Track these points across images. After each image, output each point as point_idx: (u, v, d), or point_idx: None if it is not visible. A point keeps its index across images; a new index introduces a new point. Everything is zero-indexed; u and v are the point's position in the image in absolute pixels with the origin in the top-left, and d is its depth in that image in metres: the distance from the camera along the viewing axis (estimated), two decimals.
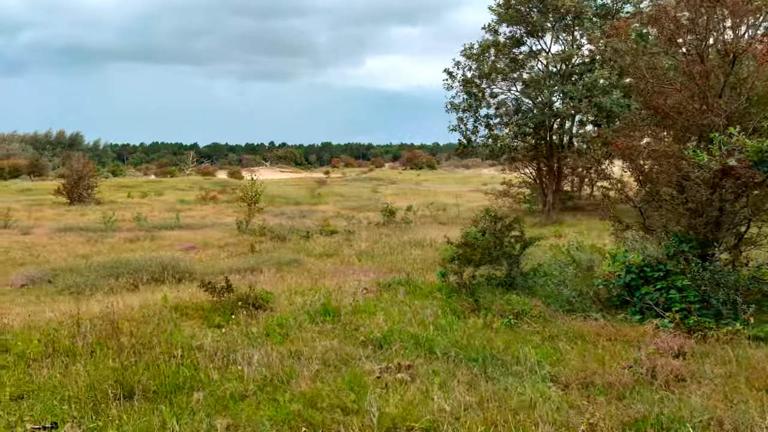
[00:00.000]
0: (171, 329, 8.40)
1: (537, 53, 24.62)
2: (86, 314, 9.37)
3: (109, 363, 7.05)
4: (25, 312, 11.92)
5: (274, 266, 16.37)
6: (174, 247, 20.52)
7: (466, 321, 9.54)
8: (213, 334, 8.53)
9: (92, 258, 18.77)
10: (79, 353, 7.62)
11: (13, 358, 7.57)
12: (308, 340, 8.41)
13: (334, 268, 15.79)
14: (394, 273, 14.24)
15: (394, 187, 63.57)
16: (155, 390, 6.42)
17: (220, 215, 34.67)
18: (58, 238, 23.58)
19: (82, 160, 41.81)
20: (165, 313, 9.44)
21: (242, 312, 9.45)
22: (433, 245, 17.96)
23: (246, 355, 7.50)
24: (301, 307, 9.86)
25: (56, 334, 8.13)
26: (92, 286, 14.60)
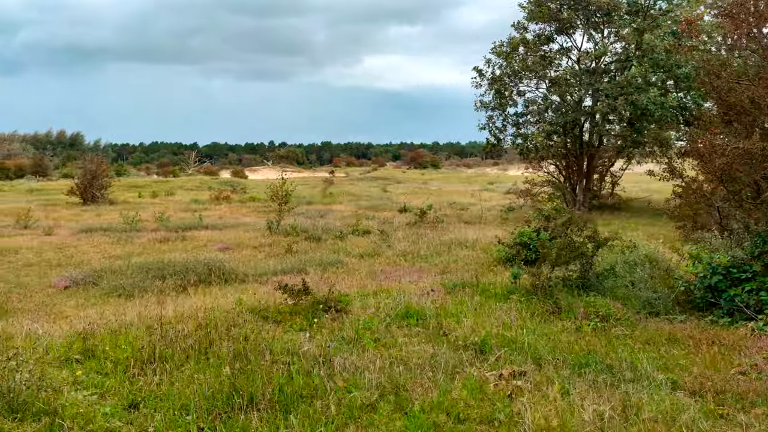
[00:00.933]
0: (272, 334, 8.13)
1: (568, 50, 24.44)
2: (160, 317, 9.09)
3: (222, 370, 6.76)
4: (84, 315, 11.65)
5: (319, 267, 16.12)
6: (208, 248, 20.23)
7: (552, 324, 9.29)
8: (300, 338, 8.26)
9: (127, 259, 18.48)
10: (178, 359, 7.35)
11: (110, 364, 7.29)
12: (402, 345, 8.16)
13: (383, 269, 15.53)
14: (448, 274, 14.00)
15: (402, 187, 63.28)
16: (277, 399, 6.15)
17: (237, 215, 34.36)
18: (85, 239, 23.27)
19: (95, 160, 41.39)
20: (246, 316, 9.16)
21: (324, 315, 9.18)
22: (477, 245, 17.71)
23: (349, 361, 7.24)
24: (382, 310, 9.59)
25: (149, 339, 7.85)
26: (141, 288, 14.33)
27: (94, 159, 41.66)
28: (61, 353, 7.87)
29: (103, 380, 6.88)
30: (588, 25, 23.86)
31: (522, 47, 24.64)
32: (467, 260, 15.75)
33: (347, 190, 54.86)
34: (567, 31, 24.47)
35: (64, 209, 36.86)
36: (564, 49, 24.50)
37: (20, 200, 44.32)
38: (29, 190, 53.16)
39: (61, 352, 7.88)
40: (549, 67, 24.31)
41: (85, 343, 7.95)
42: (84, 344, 7.94)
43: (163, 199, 46.56)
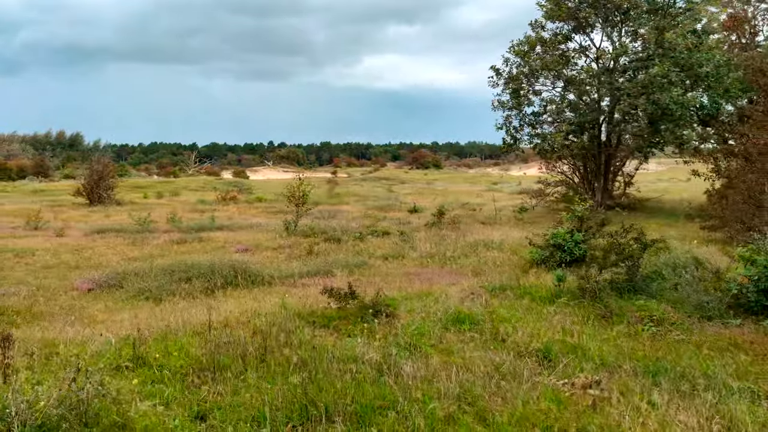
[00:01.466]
0: (325, 340, 7.86)
1: (585, 49, 24.17)
2: (209, 323, 8.82)
3: (287, 378, 6.50)
4: (118, 320, 11.38)
5: (345, 269, 15.86)
6: (227, 249, 19.96)
7: (607, 330, 9.03)
8: (354, 344, 8.00)
9: (145, 261, 18.20)
10: (235, 367, 7.08)
11: (167, 373, 7.02)
12: (460, 351, 7.90)
13: (413, 271, 15.28)
14: (482, 276, 13.74)
15: (407, 187, 63.06)
16: (351, 410, 5.88)
17: (246, 216, 34.08)
18: (100, 240, 22.99)
19: (102, 161, 41.07)
20: (296, 322, 8.89)
21: (374, 320, 8.92)
22: (503, 247, 17.46)
23: (414, 369, 6.98)
24: (432, 314, 9.32)
25: (201, 346, 7.58)
26: (168, 291, 14.06)
27: (100, 160, 41.36)
28: (111, 360, 7.60)
29: (161, 389, 6.61)
30: (606, 23, 23.62)
31: (539, 46, 24.39)
32: (498, 262, 15.50)
33: (353, 190, 54.59)
34: (584, 30, 24.24)
35: (72, 210, 36.55)
36: (582, 47, 24.27)
37: (25, 201, 43.98)
38: (33, 191, 52.79)
39: (111, 360, 7.61)
40: (567, 65, 24.06)
41: (135, 350, 7.67)
42: (134, 351, 7.67)
43: (169, 199, 46.27)
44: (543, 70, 23.61)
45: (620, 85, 21.73)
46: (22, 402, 5.07)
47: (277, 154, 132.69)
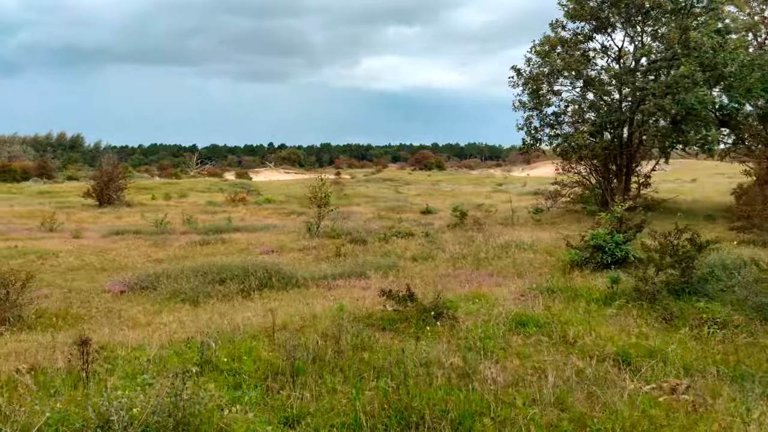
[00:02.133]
0: (397, 343, 7.69)
1: (607, 49, 24.02)
2: (273, 325, 8.64)
3: (368, 383, 6.32)
4: (163, 322, 11.18)
5: (379, 271, 15.68)
6: (250, 251, 19.76)
7: (671, 332, 8.87)
8: (424, 347, 7.82)
9: (171, 262, 18.01)
10: (312, 371, 6.90)
11: (244, 377, 6.84)
12: (532, 354, 7.73)
13: (447, 273, 15.10)
14: (524, 278, 13.57)
15: (413, 188, 62.89)
16: (450, 416, 5.70)
17: (258, 217, 33.86)
18: (121, 242, 22.77)
19: (111, 162, 40.83)
20: (357, 324, 8.70)
21: (435, 322, 8.74)
22: (535, 248, 17.29)
23: (495, 372, 6.81)
24: (495, 316, 9.14)
25: (269, 349, 7.40)
26: (204, 294, 13.87)
27: (110, 161, 41.07)
28: (178, 364, 7.42)
29: (240, 395, 6.43)
30: (627, 23, 23.47)
31: (560, 46, 24.25)
32: (534, 264, 15.33)
33: (360, 191, 54.37)
34: (606, 30, 24.10)
35: (82, 212, 36.31)
36: (603, 47, 24.11)
37: (33, 203, 43.72)
38: (39, 193, 52.47)
39: (177, 364, 7.43)
40: (588, 65, 23.91)
41: (203, 354, 7.49)
42: (202, 355, 7.49)
43: (178, 201, 46.04)
44: (565, 69, 23.44)
45: (644, 85, 21.57)
46: (122, 409, 4.88)
47: (278, 155, 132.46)
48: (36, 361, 7.85)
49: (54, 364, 7.56)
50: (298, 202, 45.70)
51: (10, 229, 27.70)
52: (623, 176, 24.62)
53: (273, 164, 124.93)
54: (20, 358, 8.33)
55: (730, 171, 66.97)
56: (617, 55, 24.09)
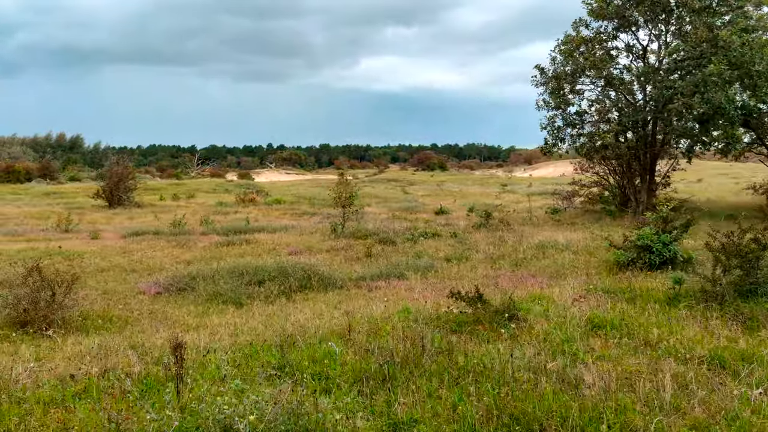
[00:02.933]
0: (472, 346, 7.47)
1: (632, 47, 23.87)
2: (348, 327, 8.42)
3: (468, 389, 6.09)
4: (210, 323, 10.93)
5: (418, 272, 15.46)
6: (278, 252, 19.52)
7: (747, 334, 8.64)
8: (495, 349, 7.60)
9: (199, 263, 17.75)
10: (401, 375, 6.67)
11: (337, 381, 6.60)
12: (618, 357, 7.51)
13: (486, 274, 14.88)
14: (571, 278, 13.35)
15: (419, 188, 62.69)
16: (569, 425, 5.47)
17: (270, 218, 33.53)
18: (143, 243, 22.48)
19: (122, 163, 40.53)
20: (425, 327, 8.48)
21: (509, 324, 8.52)
22: (572, 248, 17.07)
23: (592, 378, 6.58)
24: (569, 319, 8.92)
25: (348, 352, 7.17)
26: (246, 294, 13.63)
27: (120, 162, 40.78)
28: (255, 367, 7.18)
29: (334, 400, 6.19)
30: (654, 21, 23.31)
31: (583, 45, 24.07)
32: (576, 264, 15.10)
33: (368, 192, 54.03)
34: (630, 29, 23.93)
35: (94, 212, 36.01)
36: (628, 46, 23.96)
37: (40, 203, 43.39)
38: (45, 194, 52.05)
39: (254, 367, 7.19)
40: (611, 64, 23.73)
41: (283, 357, 7.26)
42: (283, 358, 7.26)
43: (187, 201, 45.72)
44: (590, 68, 23.25)
45: (672, 84, 21.39)
46: (246, 417, 4.65)
47: (279, 156, 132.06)
48: (105, 365, 7.61)
49: (128, 368, 7.32)
50: (308, 202, 45.53)
51: (25, 230, 27.42)
52: (647, 176, 24.43)
53: (274, 165, 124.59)
54: (85, 361, 8.09)
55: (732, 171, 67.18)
56: (642, 53, 23.91)
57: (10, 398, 6.33)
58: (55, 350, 9.14)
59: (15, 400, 6.25)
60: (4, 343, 9.82)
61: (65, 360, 8.33)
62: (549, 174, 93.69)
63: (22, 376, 7.14)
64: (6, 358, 8.83)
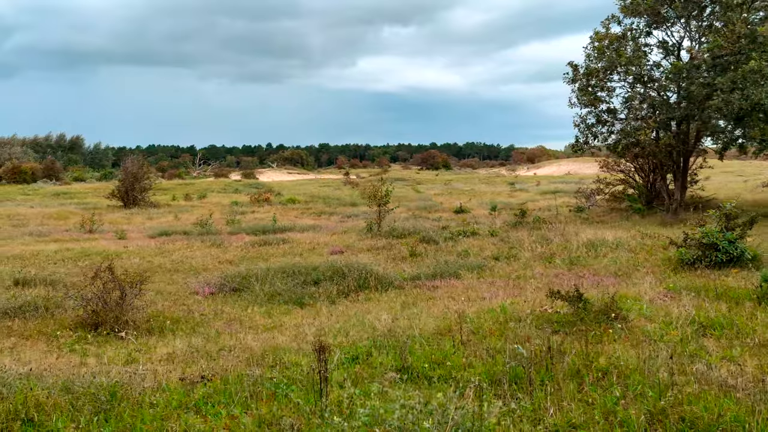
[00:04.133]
0: (580, 346, 7.24)
1: (667, 44, 23.66)
2: (460, 328, 8.18)
3: (612, 393, 5.87)
4: (283, 324, 10.68)
5: (472, 271, 15.23)
6: (318, 251, 19.26)
7: None
8: (622, 350, 7.38)
9: (241, 263, 17.49)
10: (538, 379, 6.45)
11: (473, 384, 6.37)
12: (737, 358, 7.30)
13: (545, 273, 14.65)
14: (638, 277, 13.16)
15: (430, 187, 62.44)
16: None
17: (289, 217, 33.19)
18: (177, 242, 22.19)
19: (137, 163, 40.20)
20: (526, 326, 8.26)
21: (614, 324, 8.30)
22: (623, 246, 16.85)
23: (739, 382, 6.36)
24: (675, 318, 8.70)
25: (464, 355, 6.93)
26: (307, 295, 13.38)
27: (135, 162, 40.44)
28: (376, 372, 6.95)
29: (485, 404, 5.95)
30: (689, 18, 23.14)
31: (616, 42, 23.86)
32: (634, 263, 14.88)
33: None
34: (663, 25, 23.74)
35: (111, 213, 35.63)
36: (662, 43, 23.76)
37: (52, 204, 43.01)
38: (55, 194, 51.72)
39: (375, 372, 6.96)
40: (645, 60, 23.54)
41: (403, 360, 7.03)
42: (402, 361, 7.03)
43: (201, 201, 45.43)
44: (626, 65, 23.04)
45: (711, 80, 21.22)
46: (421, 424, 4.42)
47: (281, 156, 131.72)
48: (214, 370, 7.37)
49: (237, 371, 7.08)
50: (323, 202, 45.22)
51: (49, 230, 27.10)
52: (680, 174, 24.26)
53: (276, 165, 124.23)
54: (189, 364, 7.85)
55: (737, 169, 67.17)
56: (677, 50, 23.74)
57: (136, 403, 6.08)
58: (143, 352, 8.88)
59: (146, 405, 6.00)
60: (84, 345, 9.57)
61: (162, 363, 8.07)
62: (553, 173, 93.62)
63: (133, 379, 6.88)
64: (94, 361, 8.59)
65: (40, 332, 10.29)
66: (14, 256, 18.58)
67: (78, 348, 9.45)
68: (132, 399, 6.12)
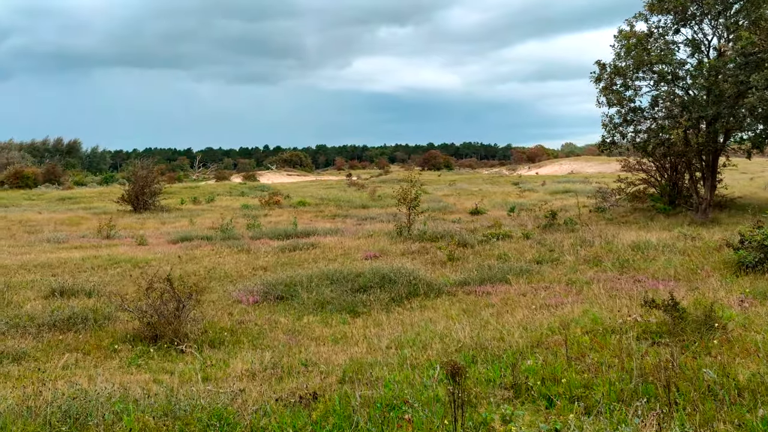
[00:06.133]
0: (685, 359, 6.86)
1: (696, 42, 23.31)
2: (566, 340, 7.77)
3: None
4: (345, 336, 10.26)
5: (520, 276, 14.82)
6: (351, 256, 18.81)
7: None
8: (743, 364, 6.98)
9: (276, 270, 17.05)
10: (650, 398, 6.03)
11: (586, 403, 5.95)
12: None
13: (598, 277, 14.24)
14: (693, 281, 12.79)
15: (436, 188, 62.03)
16: None
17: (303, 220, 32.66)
18: (202, 249, 21.69)
19: (147, 166, 39.70)
20: (627, 339, 7.85)
21: (713, 333, 7.90)
22: (668, 249, 16.46)
23: None
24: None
25: (567, 370, 6.52)
26: (359, 302, 12.95)
27: (145, 166, 39.93)
28: (486, 391, 6.53)
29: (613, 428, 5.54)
30: (718, 15, 22.80)
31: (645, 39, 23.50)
32: (688, 266, 14.48)
33: (388, 193, 53.28)
34: (691, 22, 23.39)
35: (122, 218, 34.98)
36: (692, 40, 23.41)
37: (58, 209, 42.38)
38: (60, 199, 51.04)
39: (485, 390, 6.54)
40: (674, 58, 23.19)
41: (515, 377, 6.61)
42: (513, 377, 6.61)
43: (211, 204, 44.90)
44: (657, 63, 22.69)
45: (744, 78, 20.88)
46: None
47: (279, 157, 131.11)
48: (308, 389, 6.93)
49: (333, 390, 6.64)
50: (334, 204, 44.74)
51: (65, 236, 26.53)
52: (710, 173, 23.92)
53: (275, 167, 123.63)
54: (275, 382, 7.41)
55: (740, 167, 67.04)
56: (707, 48, 23.40)
57: (249, 429, 5.64)
58: (216, 368, 8.43)
59: (248, 430, 5.55)
60: (148, 360, 9.12)
61: (245, 380, 7.63)
62: (555, 172, 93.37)
63: (230, 399, 6.43)
64: (167, 378, 8.14)
65: (98, 346, 9.84)
66: (41, 264, 18.08)
67: (143, 363, 9.01)
68: (243, 425, 5.67)
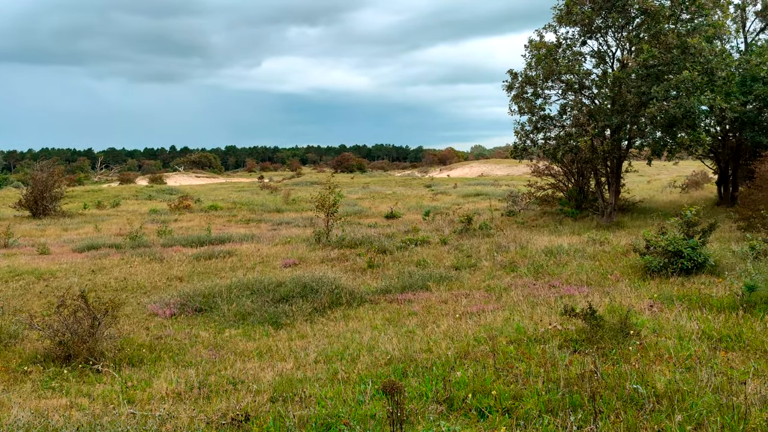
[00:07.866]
0: (610, 368, 7.17)
1: (602, 53, 24.38)
2: (493, 350, 7.91)
3: (707, 420, 5.77)
4: (272, 351, 10.08)
5: (440, 283, 15.02)
6: (270, 264, 18.56)
7: None
8: (666, 371, 7.34)
9: (195, 280, 16.59)
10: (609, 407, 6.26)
11: (513, 417, 6.10)
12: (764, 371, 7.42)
13: (514, 283, 14.64)
14: (603, 287, 13.35)
15: (350, 191, 62.03)
16: None
17: (216, 225, 32.00)
18: (111, 258, 20.79)
19: (47, 169, 37.70)
20: (550, 347, 8.11)
21: (630, 341, 8.28)
22: (578, 253, 17.12)
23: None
24: (688, 332, 8.76)
25: (511, 382, 6.67)
26: (281, 313, 12.75)
27: (45, 168, 37.91)
28: (418, 406, 6.58)
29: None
30: (621, 29, 23.92)
31: (554, 50, 24.38)
32: (599, 271, 15.11)
33: (302, 196, 52.90)
34: (597, 34, 24.43)
35: (21, 224, 33.14)
36: (598, 52, 24.45)
37: None
38: None
39: (417, 405, 6.59)
40: (583, 68, 24.17)
41: (446, 390, 6.69)
42: (446, 391, 6.69)
43: (117, 210, 43.18)
44: (566, 72, 23.60)
45: (646, 89, 22.02)
46: None
47: (187, 159, 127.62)
48: (237, 409, 6.76)
49: (265, 410, 6.52)
50: (246, 208, 43.96)
51: None
52: (614, 178, 25.09)
53: (183, 168, 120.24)
54: (204, 403, 7.18)
55: (639, 170, 70.92)
56: (612, 59, 24.52)
57: None
58: (138, 389, 8.09)
59: None
60: (61, 382, 8.65)
61: (172, 402, 7.36)
62: (466, 174, 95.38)
63: (147, 423, 6.18)
64: (86, 402, 7.75)
65: (5, 368, 9.26)
66: None
67: (56, 386, 8.54)
68: None
